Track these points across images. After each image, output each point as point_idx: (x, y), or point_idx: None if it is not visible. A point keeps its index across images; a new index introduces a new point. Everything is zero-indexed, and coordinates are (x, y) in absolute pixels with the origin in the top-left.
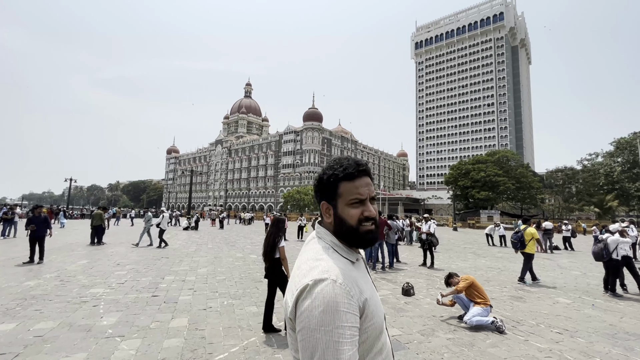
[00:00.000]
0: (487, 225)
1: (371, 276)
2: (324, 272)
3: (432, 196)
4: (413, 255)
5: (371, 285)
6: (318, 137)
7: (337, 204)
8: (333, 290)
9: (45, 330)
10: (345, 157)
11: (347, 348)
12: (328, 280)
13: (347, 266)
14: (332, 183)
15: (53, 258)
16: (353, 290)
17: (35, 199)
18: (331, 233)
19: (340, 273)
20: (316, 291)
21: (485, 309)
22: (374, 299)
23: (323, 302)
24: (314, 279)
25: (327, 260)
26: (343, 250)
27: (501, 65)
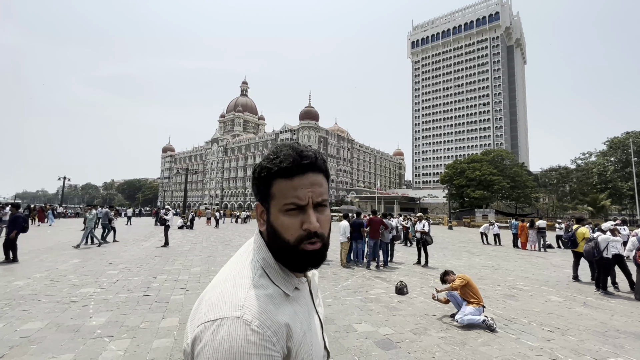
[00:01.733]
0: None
1: (315, 303)
2: (236, 307)
3: (427, 195)
4: (407, 254)
5: (313, 319)
6: (314, 135)
7: (270, 208)
8: (244, 337)
9: (32, 330)
10: (289, 144)
11: None
12: (239, 321)
13: (277, 298)
14: (263, 179)
15: (44, 257)
16: (277, 335)
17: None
18: (266, 246)
19: (262, 310)
20: (220, 337)
21: (478, 309)
22: (311, 340)
23: (228, 354)
24: (221, 317)
25: (247, 288)
26: (277, 275)
27: (497, 65)
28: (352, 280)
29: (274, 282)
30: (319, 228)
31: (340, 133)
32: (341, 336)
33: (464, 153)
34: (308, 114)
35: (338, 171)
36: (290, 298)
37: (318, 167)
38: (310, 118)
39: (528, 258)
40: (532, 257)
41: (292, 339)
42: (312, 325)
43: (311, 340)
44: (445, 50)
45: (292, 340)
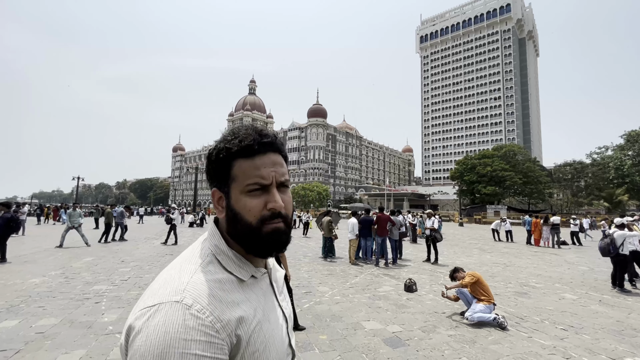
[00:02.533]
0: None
1: (279, 299)
2: (175, 292)
3: (437, 192)
4: (417, 251)
5: (274, 312)
6: (322, 133)
7: (231, 192)
8: (182, 322)
9: (47, 326)
10: (246, 125)
11: None
12: (177, 305)
13: (227, 285)
14: (222, 160)
15: (59, 255)
16: (222, 321)
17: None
18: (221, 233)
19: (204, 294)
20: (155, 322)
21: (489, 307)
22: (267, 333)
23: (162, 340)
24: (160, 302)
25: (192, 272)
26: (230, 261)
27: (508, 58)
28: (361, 278)
29: (225, 268)
30: (283, 208)
31: (348, 130)
32: (349, 334)
33: (474, 149)
34: (316, 111)
35: (347, 168)
36: (244, 285)
37: (277, 148)
38: (319, 115)
39: (541, 255)
40: (546, 254)
41: (241, 327)
42: (271, 317)
43: (269, 332)
44: (455, 44)
45: (241, 328)
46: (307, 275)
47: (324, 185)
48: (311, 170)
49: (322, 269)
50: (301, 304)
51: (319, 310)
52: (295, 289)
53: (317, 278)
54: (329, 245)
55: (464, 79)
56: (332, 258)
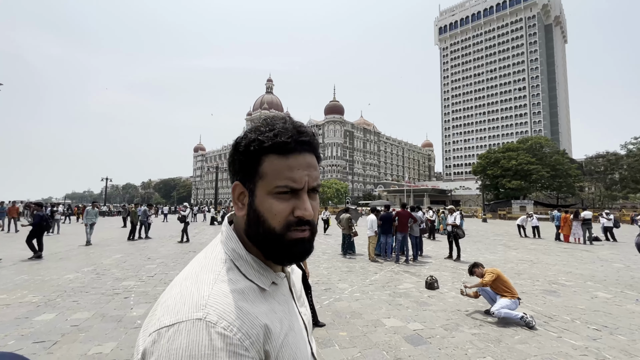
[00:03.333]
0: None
1: (298, 304)
2: (197, 307)
3: (459, 187)
4: (438, 248)
5: (296, 320)
6: (340, 130)
7: (256, 190)
8: (209, 343)
9: (80, 320)
10: (283, 117)
11: None
12: (201, 323)
13: (250, 294)
14: (251, 153)
15: (90, 253)
16: (250, 338)
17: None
18: (238, 235)
19: (229, 309)
20: (177, 345)
21: (514, 301)
22: (294, 345)
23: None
24: (179, 321)
25: (211, 283)
26: (249, 267)
27: (533, 46)
28: (381, 275)
29: (246, 276)
30: (312, 216)
31: (366, 126)
32: (369, 331)
33: (498, 142)
34: (333, 108)
35: (365, 165)
36: (266, 294)
37: (314, 148)
38: (336, 112)
39: (571, 251)
40: (576, 251)
41: (270, 341)
42: (294, 326)
43: (295, 343)
44: (476, 34)
45: (270, 343)
46: (326, 272)
47: (343, 182)
48: (329, 168)
49: (341, 265)
50: (321, 301)
51: (339, 307)
52: (314, 286)
53: (336, 275)
54: (348, 242)
55: (485, 70)
56: (351, 255)
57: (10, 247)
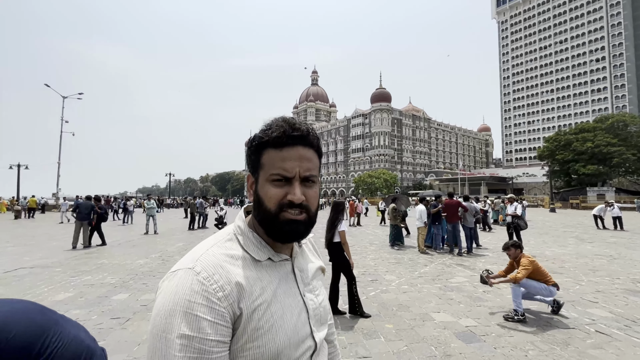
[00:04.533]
0: (596, 205)
1: (301, 288)
2: (191, 261)
3: (522, 174)
4: (497, 240)
5: (290, 298)
6: (387, 118)
7: (259, 178)
8: (189, 285)
9: (149, 300)
10: (284, 117)
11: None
12: (189, 271)
13: (239, 261)
14: (255, 148)
15: (158, 241)
16: (224, 290)
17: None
18: (246, 217)
19: (213, 264)
20: (170, 284)
21: (547, 287)
22: (276, 314)
23: (172, 300)
24: (178, 268)
25: (209, 246)
26: (249, 242)
27: (615, 8)
28: (431, 267)
29: (243, 247)
30: (304, 200)
31: (415, 113)
32: (417, 324)
33: (569, 122)
34: (379, 96)
35: (414, 153)
36: (258, 265)
37: (309, 142)
38: (382, 100)
39: None
40: None
41: (244, 300)
42: (284, 302)
43: (278, 314)
44: (541, 2)
45: (243, 302)
46: (373, 264)
47: (391, 172)
48: (377, 157)
49: (389, 257)
50: (367, 292)
51: (385, 299)
52: (360, 277)
53: (383, 266)
54: (396, 233)
55: (554, 42)
56: (400, 246)
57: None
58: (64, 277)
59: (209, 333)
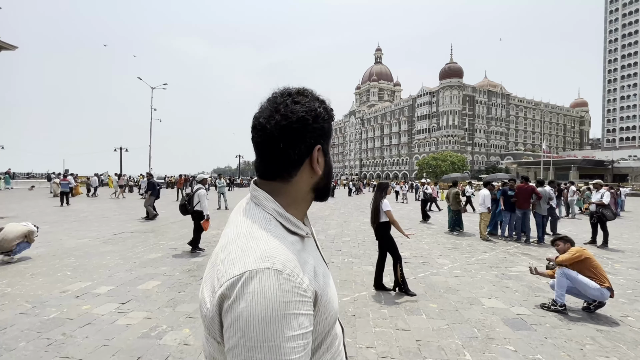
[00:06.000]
0: None
1: (322, 254)
2: (262, 259)
3: (628, 157)
4: (579, 230)
5: (325, 266)
6: (458, 95)
7: (327, 149)
8: (278, 286)
9: None
10: (307, 88)
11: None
12: (270, 271)
13: (297, 245)
14: (328, 120)
15: (228, 215)
16: (306, 281)
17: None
18: (272, 198)
19: (289, 258)
20: (252, 289)
21: (600, 289)
22: (329, 284)
23: (264, 305)
24: (249, 270)
25: (267, 238)
26: (291, 223)
27: None
28: (491, 255)
29: (289, 230)
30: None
31: (491, 88)
32: (462, 307)
33: None
34: (450, 71)
35: (489, 133)
36: (305, 243)
37: None
38: (453, 76)
39: None
40: None
41: (316, 282)
42: (325, 270)
43: (329, 282)
44: None
45: (316, 284)
46: (427, 247)
47: (460, 155)
48: (444, 139)
49: (445, 242)
50: (415, 273)
51: (434, 281)
52: (411, 259)
53: (438, 250)
54: (455, 218)
55: None
56: (459, 232)
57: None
58: (155, 241)
59: (307, 326)
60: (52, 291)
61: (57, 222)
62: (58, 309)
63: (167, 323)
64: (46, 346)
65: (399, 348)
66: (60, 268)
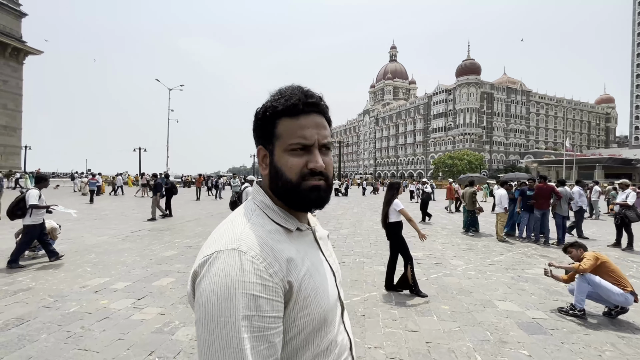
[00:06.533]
0: None
1: (325, 254)
2: (232, 241)
3: None
4: (604, 232)
5: (321, 265)
6: (475, 92)
7: (274, 149)
8: (240, 266)
9: None
10: (292, 85)
11: (257, 347)
12: (234, 252)
13: (276, 235)
14: (268, 118)
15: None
16: (274, 267)
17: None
18: (265, 190)
19: (257, 242)
20: (216, 268)
21: (624, 294)
22: (317, 281)
23: (224, 282)
24: (218, 250)
25: (243, 224)
26: (276, 214)
27: None
28: (507, 256)
29: (273, 220)
30: (324, 168)
31: (510, 85)
32: (476, 309)
33: None
34: (467, 68)
35: (508, 131)
36: (291, 236)
37: (322, 110)
38: (470, 73)
39: None
40: None
41: (292, 273)
42: (319, 268)
43: (319, 281)
44: None
45: (292, 275)
46: (441, 247)
47: (477, 154)
48: (461, 137)
49: (460, 242)
50: (428, 274)
51: (447, 282)
52: (424, 259)
53: (452, 251)
54: (471, 219)
55: None
56: (475, 233)
57: (193, 208)
58: (171, 239)
59: (267, 310)
60: (73, 286)
61: (79, 219)
62: (78, 303)
63: (180, 319)
64: (66, 339)
65: (408, 349)
66: (80, 264)
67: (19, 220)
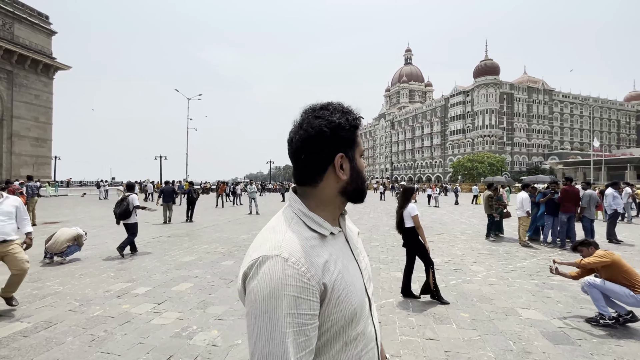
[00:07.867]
0: None
1: (354, 253)
2: (274, 248)
3: None
4: (635, 235)
5: (351, 265)
6: (494, 93)
7: (355, 155)
8: (282, 271)
9: None
10: (337, 102)
11: (296, 339)
12: (277, 258)
13: (312, 241)
14: (353, 129)
15: (259, 220)
16: (311, 271)
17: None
18: (302, 200)
19: (297, 249)
20: (262, 271)
21: (633, 295)
22: (348, 281)
23: (269, 284)
24: (262, 255)
25: (283, 232)
26: (313, 222)
27: None
28: (531, 262)
29: (309, 227)
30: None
31: (531, 84)
32: (497, 317)
33: None
34: (485, 68)
35: (530, 132)
36: (325, 241)
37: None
38: (488, 73)
39: None
40: None
41: (326, 275)
42: (349, 268)
43: (349, 280)
44: None
45: (326, 277)
46: (460, 253)
47: (498, 156)
48: (480, 139)
49: (480, 248)
50: (447, 280)
51: (467, 289)
52: (443, 265)
53: (472, 257)
54: (491, 223)
55: None
56: (495, 237)
57: (214, 214)
58: (189, 245)
59: (305, 309)
60: (97, 290)
61: (102, 226)
62: (101, 307)
63: (198, 324)
64: (90, 342)
65: (425, 358)
66: (105, 269)
67: (47, 227)
